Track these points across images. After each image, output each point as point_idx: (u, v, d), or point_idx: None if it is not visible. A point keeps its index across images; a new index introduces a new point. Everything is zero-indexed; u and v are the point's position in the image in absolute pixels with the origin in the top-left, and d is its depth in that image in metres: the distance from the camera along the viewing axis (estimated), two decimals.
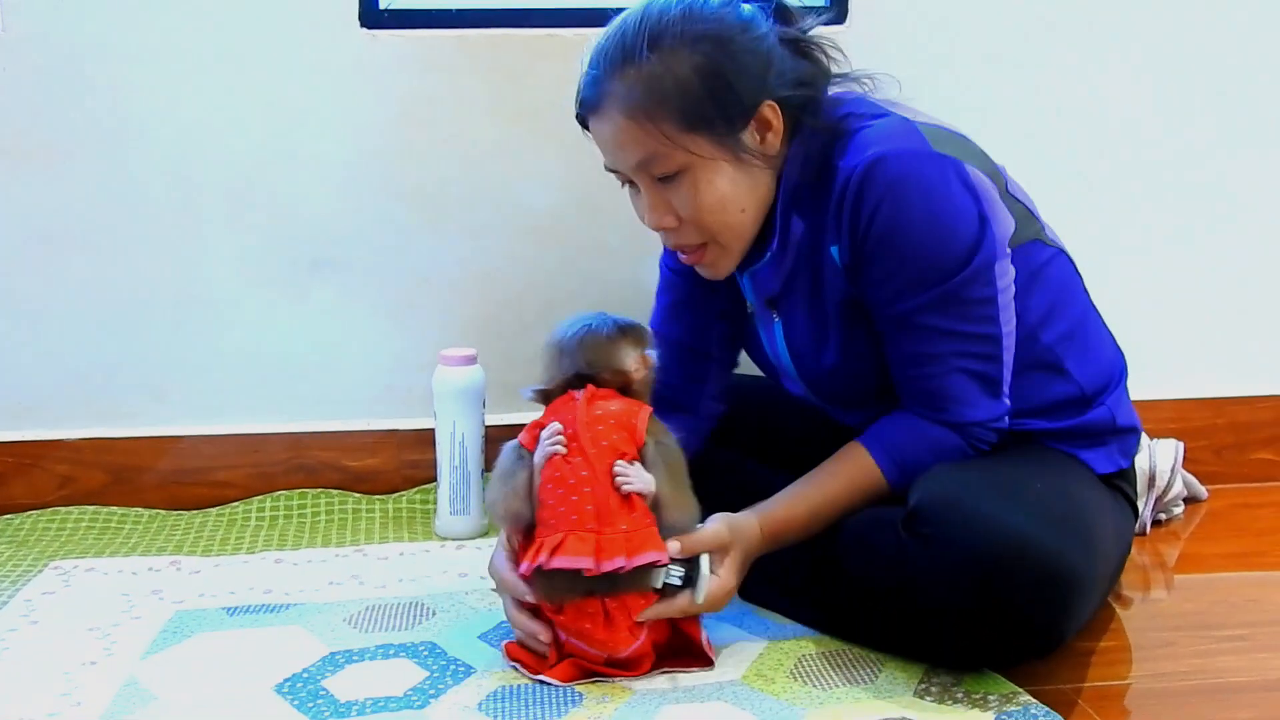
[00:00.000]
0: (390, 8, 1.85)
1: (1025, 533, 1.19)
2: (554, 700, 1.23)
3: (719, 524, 1.30)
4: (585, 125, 1.37)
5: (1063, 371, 1.38)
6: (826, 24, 1.84)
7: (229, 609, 1.48)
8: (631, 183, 1.37)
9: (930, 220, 1.28)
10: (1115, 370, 1.45)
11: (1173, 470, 1.75)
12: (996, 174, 1.37)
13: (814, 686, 1.26)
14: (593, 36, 1.37)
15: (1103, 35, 1.94)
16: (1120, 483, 1.43)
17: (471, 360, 1.74)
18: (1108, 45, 1.95)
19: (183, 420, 1.91)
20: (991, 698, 1.22)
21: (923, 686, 1.25)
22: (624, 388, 1.32)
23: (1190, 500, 1.86)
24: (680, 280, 1.56)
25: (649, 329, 1.39)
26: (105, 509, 1.84)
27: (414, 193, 1.89)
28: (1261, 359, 2.05)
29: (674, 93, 1.29)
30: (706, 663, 1.29)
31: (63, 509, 1.83)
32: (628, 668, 1.27)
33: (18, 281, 1.84)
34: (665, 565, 1.24)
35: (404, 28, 1.85)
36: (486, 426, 1.77)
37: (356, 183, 1.88)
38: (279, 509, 1.85)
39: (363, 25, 1.84)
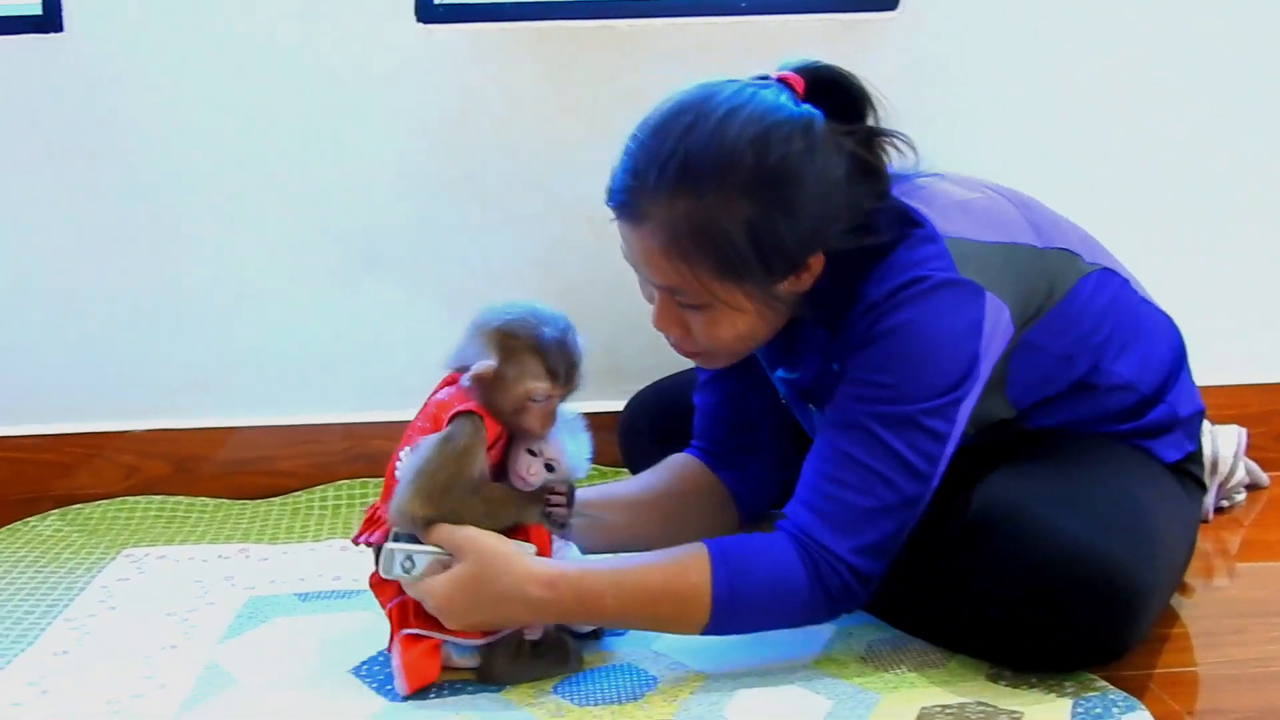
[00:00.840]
0: (445, 2, 1.86)
1: (1087, 544, 1.17)
2: (629, 684, 1.25)
3: (460, 532, 1.21)
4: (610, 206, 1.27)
5: (1127, 386, 1.36)
6: (876, 10, 1.90)
7: (300, 595, 1.50)
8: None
9: (926, 348, 1.22)
10: (1174, 359, 1.42)
11: (1235, 456, 1.74)
12: (1024, 253, 1.30)
13: (886, 671, 1.26)
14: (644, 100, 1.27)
15: (1169, 22, 1.92)
16: (1188, 466, 1.42)
17: None
18: (1171, 31, 1.93)
19: (242, 412, 1.93)
20: (1067, 684, 1.22)
21: (995, 671, 1.25)
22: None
23: (1252, 487, 1.85)
24: None
25: (520, 335, 1.25)
26: (171, 498, 1.87)
27: (466, 184, 1.91)
28: None
29: (722, 243, 1.19)
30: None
31: (130, 498, 1.86)
32: None
33: (78, 280, 1.87)
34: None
35: (458, 21, 1.86)
36: None
37: (409, 176, 1.90)
38: (341, 498, 1.87)
39: (418, 20, 1.85)
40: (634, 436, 1.74)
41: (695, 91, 1.23)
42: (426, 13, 1.85)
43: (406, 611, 1.25)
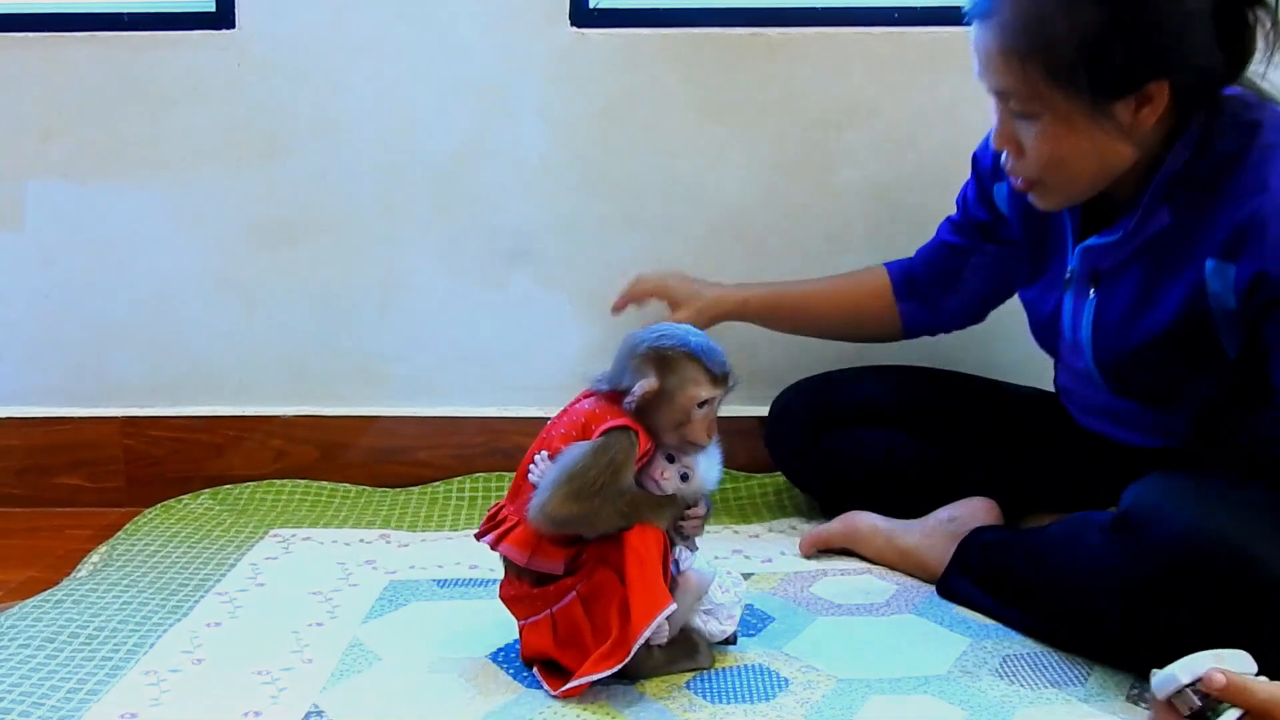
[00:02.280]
0: (600, 6, 1.89)
1: (1228, 536, 1.16)
2: (762, 684, 1.26)
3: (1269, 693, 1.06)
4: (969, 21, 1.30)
5: None
6: None
7: (439, 581, 1.54)
8: None
9: None
10: None
11: None
12: None
13: (1021, 686, 1.25)
14: None
15: None
16: None
17: None
18: None
19: (386, 402, 1.99)
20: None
21: (1135, 691, 1.23)
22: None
23: None
24: (982, 207, 1.58)
25: (671, 347, 1.26)
26: (316, 483, 1.93)
27: (612, 186, 1.93)
28: None
29: (1056, 45, 1.21)
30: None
31: (277, 481, 1.93)
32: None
33: (240, 269, 1.94)
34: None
35: (612, 26, 1.89)
36: None
37: (556, 176, 1.93)
38: (478, 490, 1.91)
39: (573, 24, 1.88)
40: (782, 435, 1.76)
41: None
42: (581, 17, 1.88)
43: (543, 647, 1.27)
